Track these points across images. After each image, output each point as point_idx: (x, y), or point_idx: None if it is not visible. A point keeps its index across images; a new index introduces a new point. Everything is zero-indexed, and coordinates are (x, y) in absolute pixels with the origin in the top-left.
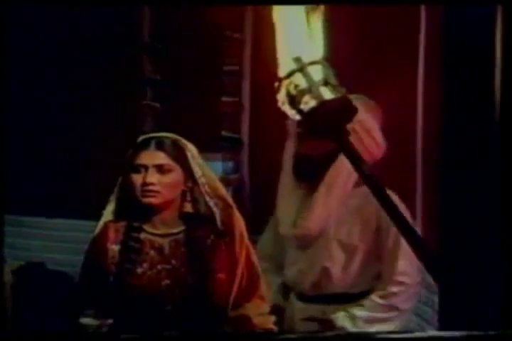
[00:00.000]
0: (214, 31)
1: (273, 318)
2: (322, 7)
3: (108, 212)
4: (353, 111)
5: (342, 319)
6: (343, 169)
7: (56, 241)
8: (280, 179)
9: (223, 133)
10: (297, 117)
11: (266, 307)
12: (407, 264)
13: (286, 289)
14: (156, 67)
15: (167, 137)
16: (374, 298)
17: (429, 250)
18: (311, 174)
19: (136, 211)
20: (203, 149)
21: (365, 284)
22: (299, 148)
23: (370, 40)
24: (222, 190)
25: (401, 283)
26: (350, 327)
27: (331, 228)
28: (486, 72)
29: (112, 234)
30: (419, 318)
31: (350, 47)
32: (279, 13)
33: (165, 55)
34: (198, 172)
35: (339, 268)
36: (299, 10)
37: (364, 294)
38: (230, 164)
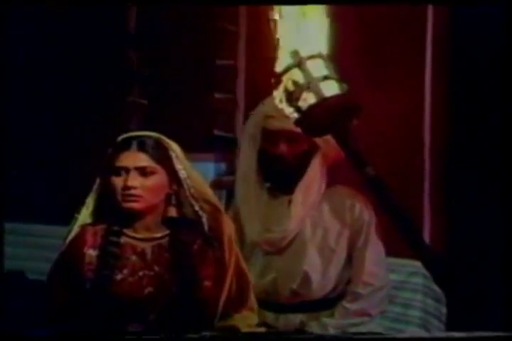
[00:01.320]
0: (207, 23)
1: (262, 330)
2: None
3: (85, 215)
4: (357, 108)
5: (315, 328)
6: (319, 169)
7: (37, 248)
8: (238, 183)
9: (216, 132)
10: (295, 115)
11: (255, 319)
12: (375, 265)
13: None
14: (144, 60)
15: (149, 136)
16: (344, 303)
17: (437, 258)
18: (284, 176)
19: (116, 215)
20: (194, 149)
21: (341, 288)
22: (269, 149)
23: (376, 40)
24: (210, 193)
25: (369, 285)
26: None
27: (307, 231)
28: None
29: (89, 238)
30: (426, 329)
31: (356, 47)
32: (276, 5)
33: (154, 47)
34: (183, 174)
35: (318, 272)
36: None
37: (338, 299)
38: (224, 165)
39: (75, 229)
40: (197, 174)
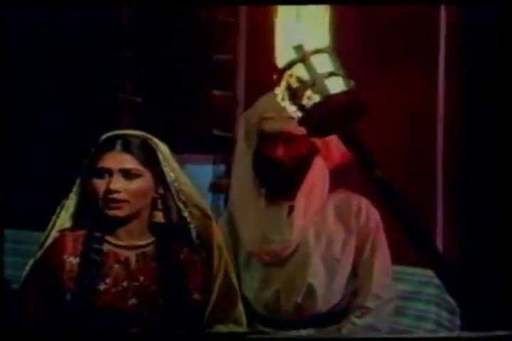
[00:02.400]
0: (204, 15)
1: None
2: None
3: (63, 219)
4: (364, 106)
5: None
6: (320, 174)
7: (22, 257)
8: (233, 188)
9: (214, 131)
10: (299, 114)
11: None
12: (383, 276)
13: (251, 318)
14: (137, 55)
15: (135, 136)
16: (353, 318)
17: (450, 267)
18: (283, 181)
19: (97, 220)
20: (191, 151)
21: (345, 302)
22: (266, 152)
23: (387, 38)
24: (199, 198)
25: (378, 297)
26: None
27: (310, 239)
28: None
29: (69, 244)
30: None
31: (365, 43)
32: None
33: (147, 41)
34: (170, 177)
35: (323, 284)
36: None
37: (344, 313)
38: (222, 167)
39: (53, 234)
40: (185, 177)
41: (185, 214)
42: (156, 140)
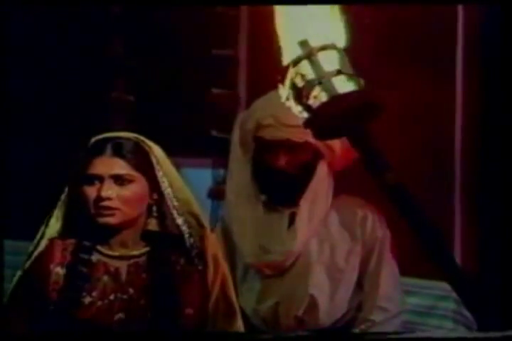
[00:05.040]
0: (204, 7)
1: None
2: None
3: (53, 228)
4: (375, 107)
5: None
6: (325, 180)
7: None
8: (229, 196)
9: (213, 133)
10: (304, 115)
11: None
12: (390, 288)
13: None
14: (130, 49)
15: (127, 138)
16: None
17: (469, 280)
18: (285, 189)
19: (88, 228)
20: (189, 154)
21: (349, 316)
22: (267, 161)
23: (405, 40)
24: (195, 205)
25: (384, 310)
26: None
27: (312, 248)
28: None
29: (57, 253)
30: None
31: (377, 41)
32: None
33: (141, 34)
34: (163, 182)
35: (326, 296)
36: None
37: (348, 328)
38: (223, 172)
39: (43, 243)
40: (181, 183)
41: (179, 222)
42: (149, 142)
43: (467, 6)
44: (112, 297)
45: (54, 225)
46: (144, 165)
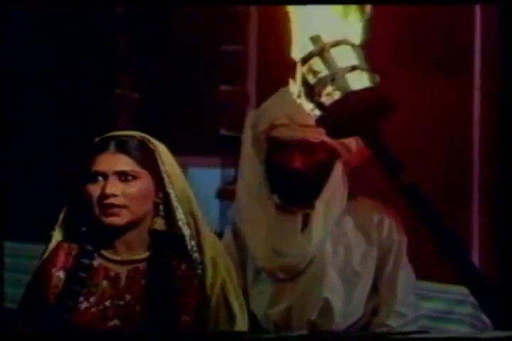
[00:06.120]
0: (212, 3)
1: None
2: None
3: (61, 231)
4: (390, 104)
5: None
6: (341, 180)
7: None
8: (239, 197)
9: (222, 131)
10: (317, 112)
11: None
12: (407, 292)
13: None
14: (135, 45)
15: (131, 136)
16: None
17: (487, 284)
18: (300, 190)
19: (92, 230)
20: (197, 153)
21: (365, 320)
22: (281, 162)
23: (422, 40)
24: (195, 206)
25: (401, 315)
26: None
27: (327, 251)
28: None
29: (61, 257)
30: None
31: (393, 38)
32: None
33: (146, 29)
34: (166, 181)
35: (341, 300)
36: None
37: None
38: (232, 171)
39: (50, 246)
40: (184, 182)
41: (181, 223)
42: (154, 141)
43: (484, 5)
44: (107, 303)
45: (61, 228)
46: (149, 162)
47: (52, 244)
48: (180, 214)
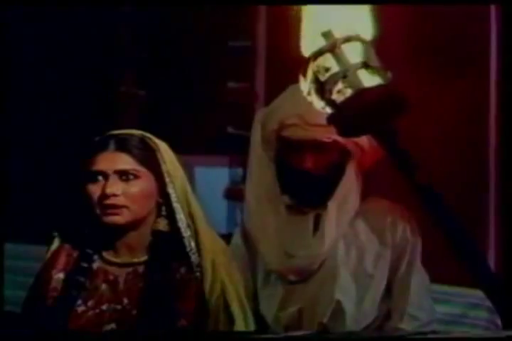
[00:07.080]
0: (221, 3)
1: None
2: None
3: (63, 233)
4: (403, 102)
5: None
6: (354, 180)
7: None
8: (249, 197)
9: (230, 130)
10: (328, 110)
11: None
12: (421, 296)
13: None
14: (140, 41)
15: (131, 134)
16: None
17: (503, 287)
18: (312, 191)
19: (95, 232)
20: (204, 152)
21: (377, 323)
22: (292, 162)
23: (437, 40)
24: (196, 207)
25: (415, 319)
26: None
27: (339, 252)
28: None
29: (62, 259)
30: None
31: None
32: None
33: (152, 24)
34: (167, 180)
35: (353, 302)
36: None
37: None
38: (240, 171)
39: (53, 248)
40: (185, 182)
41: (180, 225)
42: (156, 140)
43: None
44: (104, 307)
45: (63, 230)
46: (150, 160)
47: (54, 246)
48: (180, 215)
